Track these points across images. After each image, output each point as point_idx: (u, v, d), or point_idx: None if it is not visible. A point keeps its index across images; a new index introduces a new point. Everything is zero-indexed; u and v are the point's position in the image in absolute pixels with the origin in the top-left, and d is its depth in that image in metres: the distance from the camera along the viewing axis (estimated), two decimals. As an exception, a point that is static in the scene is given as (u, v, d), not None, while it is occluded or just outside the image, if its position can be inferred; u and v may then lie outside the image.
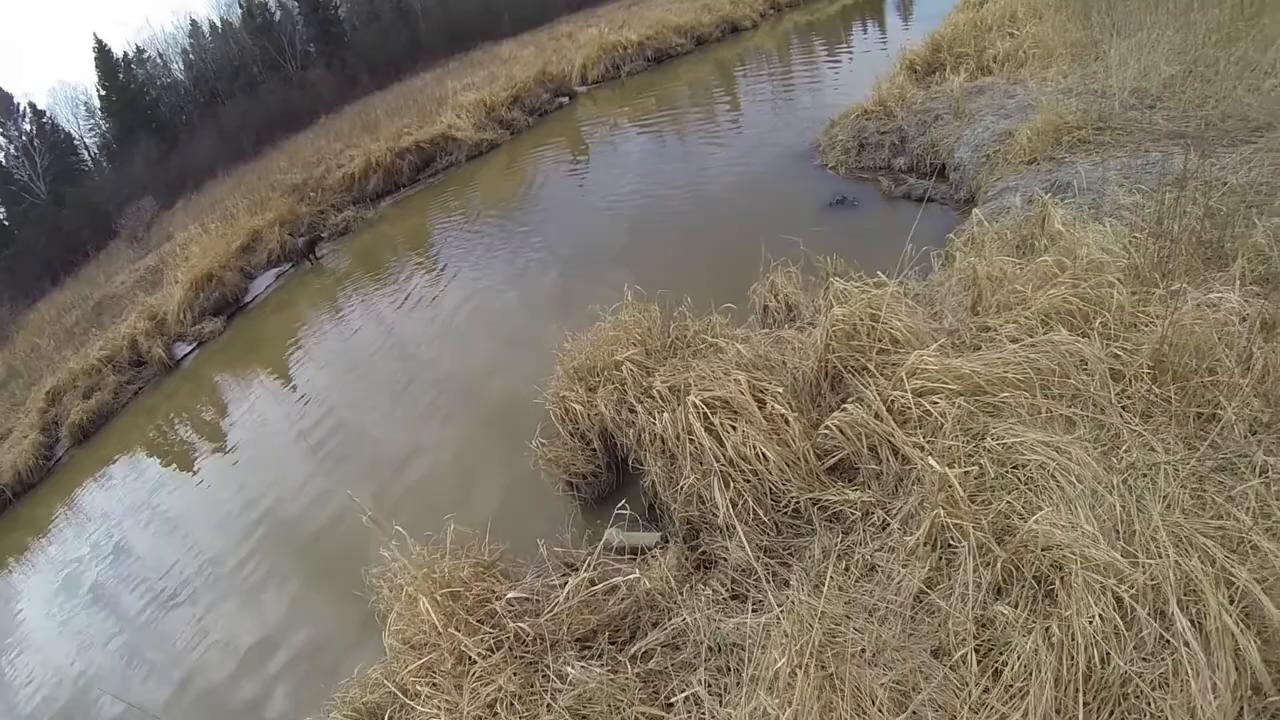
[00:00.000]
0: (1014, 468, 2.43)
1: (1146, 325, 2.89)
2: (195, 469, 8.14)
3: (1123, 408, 2.57)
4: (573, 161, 13.24)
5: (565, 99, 18.08)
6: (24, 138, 37.16)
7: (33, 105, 37.43)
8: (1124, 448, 2.36)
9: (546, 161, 13.67)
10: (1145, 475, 2.20)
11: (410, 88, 25.83)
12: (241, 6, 41.19)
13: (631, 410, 3.78)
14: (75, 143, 39.44)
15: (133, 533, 7.44)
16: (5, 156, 36.98)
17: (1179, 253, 3.19)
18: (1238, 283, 2.84)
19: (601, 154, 12.95)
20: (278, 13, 41.63)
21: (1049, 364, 2.78)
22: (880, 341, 3.28)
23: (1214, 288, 2.87)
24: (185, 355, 12.58)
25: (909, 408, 2.86)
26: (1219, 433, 2.33)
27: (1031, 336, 3.00)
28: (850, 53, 14.34)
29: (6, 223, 35.74)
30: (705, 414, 3.22)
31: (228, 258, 13.90)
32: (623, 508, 3.51)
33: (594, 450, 4.22)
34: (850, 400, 3.12)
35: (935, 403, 2.79)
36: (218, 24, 42.89)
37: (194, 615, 5.49)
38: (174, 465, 8.61)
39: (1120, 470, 2.24)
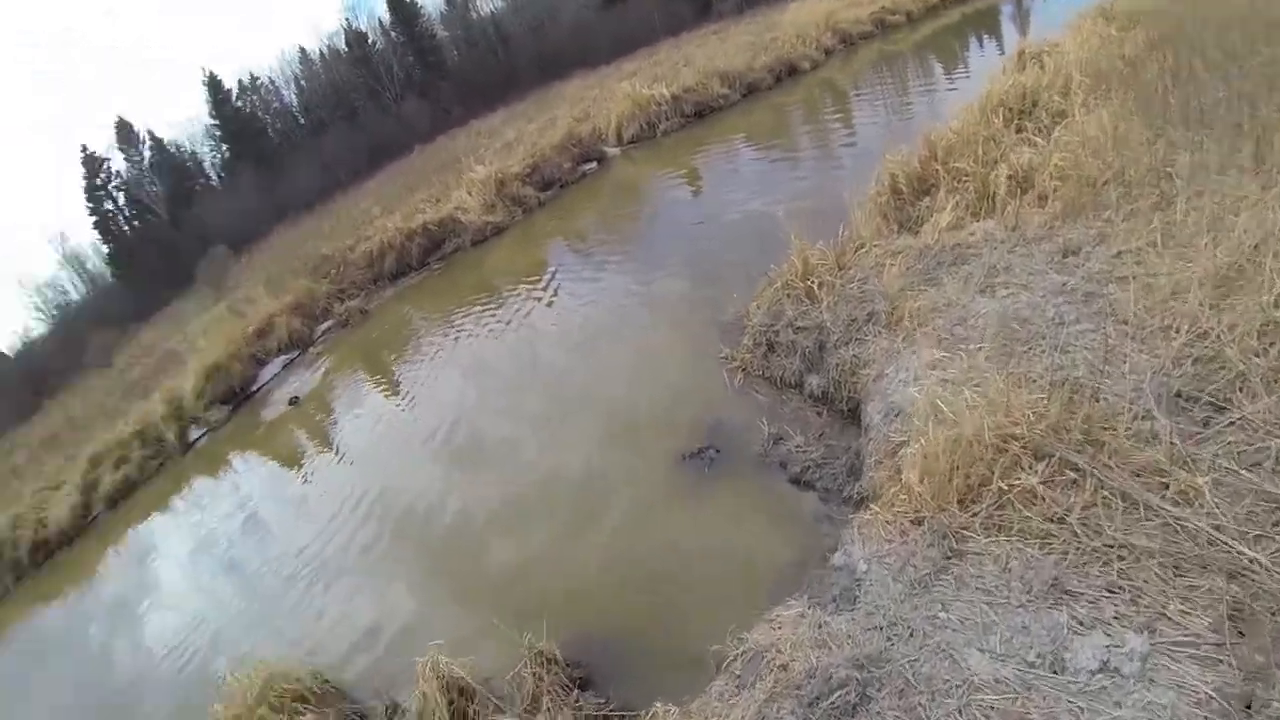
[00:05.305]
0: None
1: None
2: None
3: None
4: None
5: (592, 164, 16.11)
6: (145, 163, 40.93)
7: (150, 133, 41.16)
8: None
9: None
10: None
11: (486, 126, 25.48)
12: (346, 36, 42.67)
13: None
14: (203, 164, 42.65)
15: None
16: (130, 180, 40.92)
17: None
18: None
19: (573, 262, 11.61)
20: (378, 42, 42.36)
21: None
22: None
23: None
24: (198, 439, 13.10)
25: None
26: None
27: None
28: (913, 103, 11.88)
29: (132, 240, 39.49)
30: None
31: (239, 346, 14.24)
32: None
33: None
34: None
35: None
36: (326, 54, 44.59)
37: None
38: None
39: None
